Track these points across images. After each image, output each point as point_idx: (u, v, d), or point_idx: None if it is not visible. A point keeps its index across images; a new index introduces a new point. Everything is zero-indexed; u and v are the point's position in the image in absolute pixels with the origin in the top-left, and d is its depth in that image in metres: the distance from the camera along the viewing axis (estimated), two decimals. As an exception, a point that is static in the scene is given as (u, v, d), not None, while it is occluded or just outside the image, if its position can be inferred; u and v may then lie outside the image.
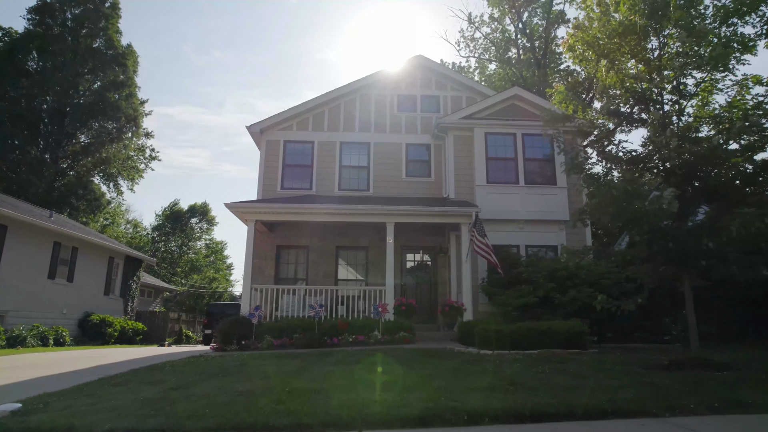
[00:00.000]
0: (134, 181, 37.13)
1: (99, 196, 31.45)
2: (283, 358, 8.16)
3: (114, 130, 32.58)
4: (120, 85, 31.67)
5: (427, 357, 8.20)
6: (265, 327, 10.99)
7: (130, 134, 34.41)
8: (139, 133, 34.97)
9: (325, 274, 13.86)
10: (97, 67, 31.23)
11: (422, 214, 12.36)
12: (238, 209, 12.13)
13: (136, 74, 34.01)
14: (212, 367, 7.06)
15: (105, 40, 31.88)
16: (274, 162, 14.52)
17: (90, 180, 31.49)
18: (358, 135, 14.83)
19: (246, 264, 12.13)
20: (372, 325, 10.96)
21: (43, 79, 29.49)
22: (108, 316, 18.57)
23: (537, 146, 14.06)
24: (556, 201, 13.65)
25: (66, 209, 29.85)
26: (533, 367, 6.91)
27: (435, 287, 14.04)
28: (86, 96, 31.26)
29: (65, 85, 29.93)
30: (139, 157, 37.24)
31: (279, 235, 14.09)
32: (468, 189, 13.72)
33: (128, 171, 36.75)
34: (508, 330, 9.07)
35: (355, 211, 12.21)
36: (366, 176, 14.56)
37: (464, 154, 14.01)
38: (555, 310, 11.43)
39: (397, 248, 13.85)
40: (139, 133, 34.88)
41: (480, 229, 11.82)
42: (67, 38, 30.52)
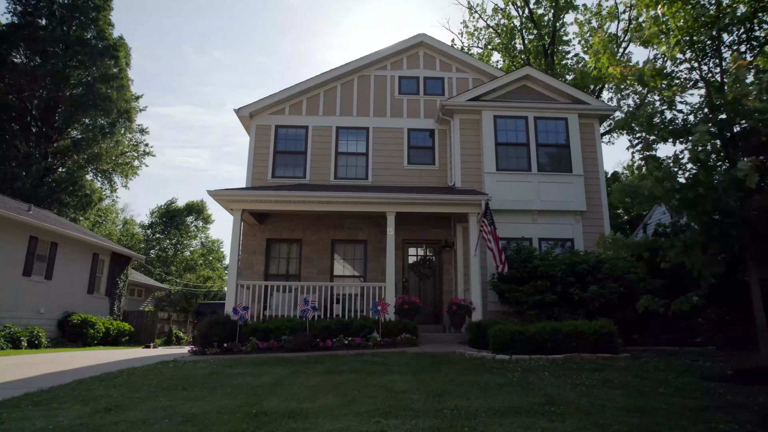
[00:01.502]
0: (128, 178, 35.87)
1: (90, 192, 30.09)
2: (265, 365, 6.83)
3: (106, 125, 31.26)
4: (111, 77, 30.32)
5: (435, 364, 6.87)
6: (250, 328, 9.66)
7: (123, 129, 33.09)
8: (132, 128, 33.65)
9: (319, 270, 12.53)
10: (87, 59, 29.88)
11: (426, 202, 11.04)
12: (222, 197, 10.81)
13: (129, 67, 32.69)
14: (174, 378, 5.73)
15: (96, 32, 30.57)
16: (264, 148, 13.20)
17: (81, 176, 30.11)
18: (355, 119, 13.51)
19: (231, 258, 10.81)
20: (371, 326, 9.64)
21: (31, 72, 28.19)
22: (90, 316, 17.22)
23: (551, 131, 12.74)
24: (572, 190, 12.33)
25: (55, 205, 28.54)
26: (566, 376, 5.58)
27: (440, 284, 12.71)
28: (76, 88, 29.93)
29: (55, 77, 28.62)
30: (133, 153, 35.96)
31: (269, 227, 12.76)
32: (476, 177, 12.41)
33: (122, 167, 35.47)
34: (531, 331, 7.74)
35: (353, 199, 10.89)
36: (364, 164, 13.24)
37: (471, 140, 12.69)
38: (575, 307, 10.11)
39: (399, 242, 12.54)
40: (132, 127, 33.56)
41: (490, 219, 10.50)
42: (56, 29, 29.20)
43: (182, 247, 40.43)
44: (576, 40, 23.54)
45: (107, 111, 30.33)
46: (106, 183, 34.75)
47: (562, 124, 12.77)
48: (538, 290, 10.21)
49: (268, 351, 9.20)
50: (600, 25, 22.27)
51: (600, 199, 12.56)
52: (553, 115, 12.76)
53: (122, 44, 31.70)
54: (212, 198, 10.95)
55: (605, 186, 12.70)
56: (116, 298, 20.21)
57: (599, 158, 12.85)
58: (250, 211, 11.31)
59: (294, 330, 9.53)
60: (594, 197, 12.52)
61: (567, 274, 10.21)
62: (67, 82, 29.77)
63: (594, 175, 12.69)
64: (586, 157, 12.69)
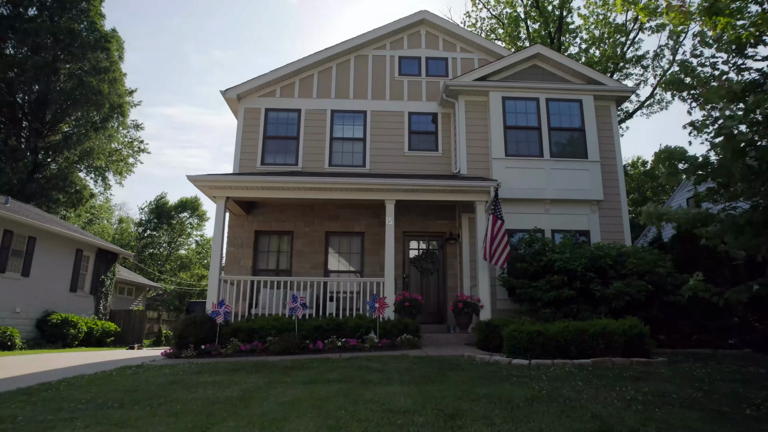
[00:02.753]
0: (122, 175, 34.77)
1: (81, 189, 28.93)
2: (240, 372, 5.69)
3: (98, 119, 30.14)
4: (103, 70, 29.17)
5: (441, 370, 5.73)
6: (232, 328, 8.52)
7: (117, 124, 31.98)
8: (125, 123, 32.55)
9: (312, 265, 11.39)
10: (78, 51, 28.75)
11: (429, 189, 9.90)
12: (203, 183, 9.67)
13: (122, 60, 31.56)
14: (120, 389, 4.59)
15: (87, 23, 29.45)
16: (252, 133, 12.07)
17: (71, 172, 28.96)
18: (352, 102, 12.38)
19: (214, 250, 9.67)
20: (367, 326, 8.50)
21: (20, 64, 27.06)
22: (72, 316, 16.06)
23: (564, 113, 11.60)
24: (588, 177, 11.19)
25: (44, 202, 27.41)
26: (606, 387, 4.44)
27: (443, 281, 11.57)
28: (67, 82, 28.80)
29: (44, 69, 27.49)
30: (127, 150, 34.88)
31: (258, 218, 11.62)
32: (483, 164, 11.29)
33: (116, 164, 34.37)
34: (553, 332, 6.60)
35: (348, 185, 9.76)
36: (362, 150, 12.10)
37: (478, 123, 11.56)
38: (596, 305, 8.98)
39: (399, 234, 11.41)
40: (125, 123, 32.45)
41: (498, 210, 9.36)
42: (45, 20, 28.08)
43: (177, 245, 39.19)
44: (583, 27, 22.31)
45: (99, 105, 29.20)
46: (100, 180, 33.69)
47: (576, 107, 11.65)
48: (554, 286, 9.07)
49: (251, 354, 8.06)
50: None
51: (618, 188, 11.43)
52: (566, 97, 11.64)
53: (114, 36, 30.59)
54: (193, 185, 9.82)
55: (623, 173, 11.56)
56: (102, 296, 19.05)
57: (616, 143, 11.72)
58: (235, 199, 10.18)
59: (281, 330, 8.39)
60: (611, 185, 11.39)
61: (587, 269, 9.06)
62: (57, 75, 28.66)
63: (611, 161, 11.56)
64: (603, 142, 11.57)
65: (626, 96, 11.91)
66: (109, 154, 33.90)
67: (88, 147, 30.46)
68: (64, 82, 28.97)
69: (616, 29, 21.69)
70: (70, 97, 28.60)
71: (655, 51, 21.18)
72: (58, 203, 28.54)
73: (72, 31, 28.91)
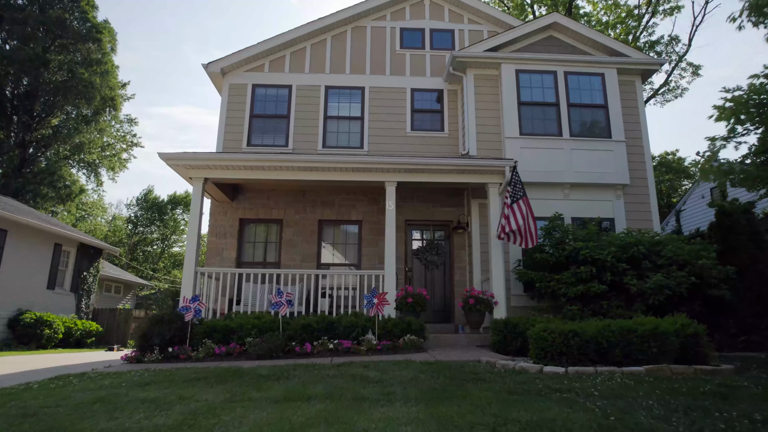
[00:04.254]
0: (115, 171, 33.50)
1: (70, 184, 27.59)
2: (198, 384, 4.37)
3: (88, 112, 28.83)
4: (94, 62, 27.90)
5: (456, 381, 4.41)
6: (207, 327, 7.19)
7: (109, 117, 30.68)
8: (118, 117, 31.26)
9: (303, 257, 10.07)
10: (68, 42, 27.50)
11: (435, 168, 8.58)
12: (177, 161, 8.36)
13: (114, 53, 30.25)
14: (14, 414, 3.27)
15: (78, 13, 28.17)
16: (238, 112, 10.75)
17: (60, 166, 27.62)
18: (349, 78, 11.06)
19: (189, 238, 8.35)
20: (364, 325, 7.18)
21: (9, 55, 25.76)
22: (48, 315, 14.73)
23: (584, 88, 10.30)
24: (612, 159, 9.89)
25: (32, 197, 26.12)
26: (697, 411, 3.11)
27: (450, 275, 10.25)
28: (57, 74, 27.49)
29: (34, 61, 26.19)
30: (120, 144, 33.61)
31: (243, 205, 10.31)
32: (494, 144, 9.98)
33: (109, 160, 33.09)
34: (591, 332, 5.28)
35: (344, 164, 8.44)
36: (359, 130, 10.79)
37: (489, 99, 10.26)
38: (630, 301, 7.67)
39: (400, 223, 10.11)
40: (118, 116, 31.17)
41: (518, 189, 8.05)
42: (35, 10, 26.79)
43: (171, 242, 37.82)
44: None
45: (89, 97, 27.88)
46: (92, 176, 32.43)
47: (597, 81, 10.34)
48: (581, 278, 7.75)
49: (226, 358, 6.74)
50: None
51: (645, 171, 10.12)
52: (587, 70, 10.33)
53: (106, 28, 29.29)
54: (166, 164, 8.51)
55: (650, 155, 10.25)
56: (84, 294, 17.71)
57: (643, 122, 10.40)
58: (215, 181, 8.87)
59: (263, 330, 7.08)
60: (638, 168, 10.08)
61: (618, 259, 7.74)
62: (47, 66, 27.36)
63: (636, 142, 10.25)
64: (627, 121, 10.26)
65: (653, 69, 10.59)
66: (102, 149, 32.65)
67: (79, 141, 29.17)
68: (53, 74, 27.67)
69: (627, 14, 20.40)
70: (60, 90, 27.30)
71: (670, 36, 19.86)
72: (46, 198, 27.22)
73: (62, 22, 27.63)
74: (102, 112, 29.53)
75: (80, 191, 29.12)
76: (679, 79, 19.97)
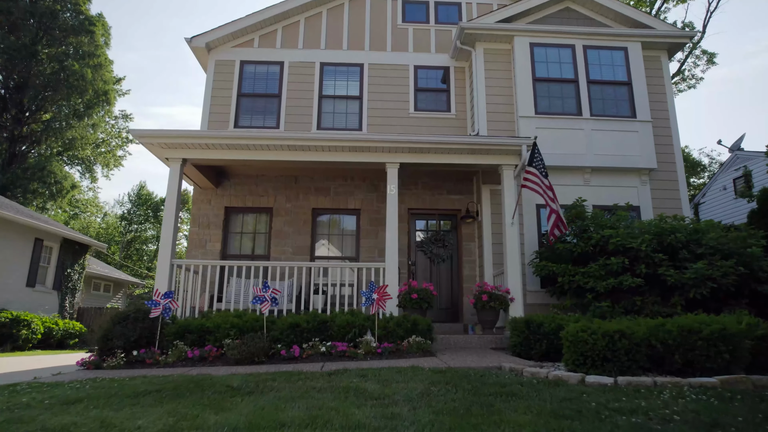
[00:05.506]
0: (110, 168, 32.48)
1: (60, 179, 26.49)
2: (144, 400, 3.31)
3: (81, 107, 27.77)
4: (87, 54, 26.84)
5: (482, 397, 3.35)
6: (179, 327, 6.12)
7: (102, 112, 29.60)
8: (111, 112, 30.20)
9: (295, 249, 9.01)
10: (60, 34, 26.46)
11: (442, 147, 7.52)
12: (152, 139, 7.29)
13: (108, 46, 29.23)
14: None
15: (71, 4, 27.11)
16: (225, 90, 9.70)
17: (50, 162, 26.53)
18: (346, 54, 10.02)
19: (165, 226, 7.28)
20: (362, 325, 6.12)
21: (-4, 46, 24.72)
22: (25, 314, 13.64)
23: (606, 63, 9.25)
24: (637, 141, 8.84)
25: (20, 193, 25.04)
26: None
27: (458, 269, 9.19)
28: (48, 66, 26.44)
29: (22, 52, 25.14)
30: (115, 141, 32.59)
31: (229, 192, 9.25)
32: (507, 124, 8.94)
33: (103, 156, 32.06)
34: (642, 333, 4.21)
35: (341, 142, 7.37)
36: (357, 110, 9.73)
37: (500, 75, 9.22)
38: (667, 295, 6.60)
39: (403, 212, 9.06)
40: (111, 111, 30.10)
41: (541, 166, 7.00)
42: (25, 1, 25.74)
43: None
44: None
45: (81, 91, 26.82)
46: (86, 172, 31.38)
47: (620, 56, 9.29)
48: (612, 271, 6.69)
49: (200, 363, 5.67)
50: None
51: (673, 154, 9.08)
52: (608, 44, 9.28)
53: (100, 20, 28.24)
54: (139, 142, 7.46)
55: (679, 136, 9.20)
56: (68, 292, 16.63)
57: (670, 101, 9.36)
58: (196, 162, 7.81)
59: (244, 330, 6.01)
60: (665, 152, 9.04)
61: (654, 248, 6.68)
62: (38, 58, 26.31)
63: (664, 122, 9.20)
64: (653, 100, 9.22)
65: (680, 43, 9.54)
66: (96, 145, 31.61)
67: (71, 136, 28.10)
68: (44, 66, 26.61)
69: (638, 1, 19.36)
70: (51, 82, 26.25)
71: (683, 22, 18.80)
72: (36, 194, 26.14)
73: (53, 13, 26.60)
74: (95, 106, 28.45)
75: (72, 187, 28.01)
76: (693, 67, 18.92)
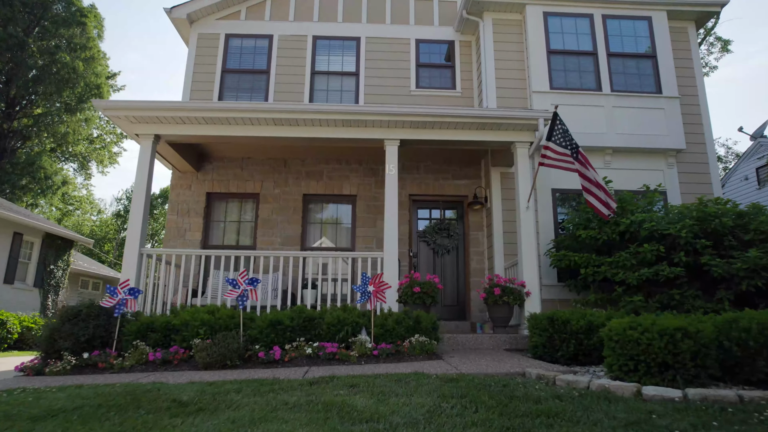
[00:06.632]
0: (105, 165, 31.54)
1: (50, 175, 25.54)
2: (43, 425, 2.34)
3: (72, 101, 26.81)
4: (78, 47, 25.92)
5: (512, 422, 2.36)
6: (142, 324, 5.16)
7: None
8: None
9: (284, 239, 8.05)
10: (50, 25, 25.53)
11: (448, 121, 6.56)
12: (118, 112, 6.34)
13: (101, 39, 28.32)
14: None
15: (63, -5, 26.18)
16: (208, 65, 8.76)
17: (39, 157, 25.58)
18: (341, 27, 9.08)
19: (134, 210, 6.33)
20: (355, 322, 5.15)
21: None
22: (1, 312, 12.70)
23: (627, 35, 8.31)
24: (664, 119, 7.89)
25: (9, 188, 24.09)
26: None
27: (465, 261, 8.23)
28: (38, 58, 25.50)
29: (10, 42, 24.21)
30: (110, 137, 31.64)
31: (211, 176, 8.29)
32: (519, 101, 8.00)
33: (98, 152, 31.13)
34: (709, 332, 3.25)
35: (333, 115, 6.41)
36: (353, 87, 8.79)
37: (511, 48, 8.27)
38: (710, 288, 5.65)
39: (404, 200, 8.12)
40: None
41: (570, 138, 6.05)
42: (14, -11, 24.79)
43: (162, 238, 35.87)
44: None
45: (72, 84, 25.88)
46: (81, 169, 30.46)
47: (643, 26, 8.35)
48: (645, 260, 5.74)
49: (164, 366, 4.71)
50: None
51: (702, 134, 8.12)
52: (630, 13, 8.34)
53: (92, 12, 27.33)
54: (104, 115, 6.53)
55: (708, 114, 8.24)
56: (51, 290, 15.68)
57: (698, 76, 8.42)
58: (171, 140, 6.85)
59: (216, 328, 5.05)
60: (694, 131, 8.09)
61: (695, 234, 5.73)
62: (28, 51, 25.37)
63: (692, 99, 8.25)
64: (680, 75, 8.27)
65: (710, 12, 8.58)
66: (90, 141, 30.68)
67: (63, 130, 27.15)
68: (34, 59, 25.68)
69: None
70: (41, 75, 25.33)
71: None
72: (25, 190, 25.19)
73: (45, 4, 25.69)
74: (87, 100, 27.51)
75: (63, 183, 27.06)
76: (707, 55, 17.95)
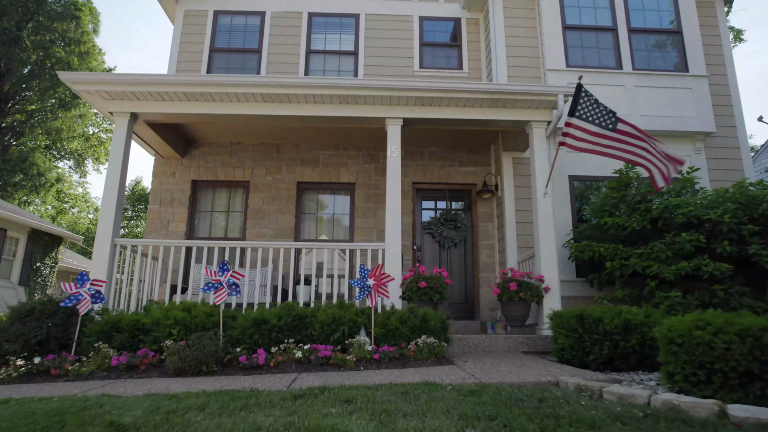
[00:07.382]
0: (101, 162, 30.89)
1: (44, 171, 24.84)
2: None
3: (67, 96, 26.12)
4: (72, 41, 25.27)
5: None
6: (106, 324, 4.44)
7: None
8: (100, 102, 28.52)
9: (277, 230, 7.34)
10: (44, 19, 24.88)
11: (456, 97, 5.84)
12: (90, 86, 5.65)
13: (96, 34, 27.67)
14: None
15: (57, -12, 25.52)
16: (196, 44, 8.06)
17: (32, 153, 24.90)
18: (339, 2, 8.38)
19: (106, 196, 5.62)
20: (353, 321, 4.44)
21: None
22: (-18, 311, 12.00)
23: (651, 8, 7.61)
24: (691, 100, 7.19)
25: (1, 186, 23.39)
26: None
27: (473, 254, 7.52)
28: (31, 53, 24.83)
29: (3, 37, 23.56)
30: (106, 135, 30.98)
31: (197, 162, 7.59)
32: (532, 80, 7.30)
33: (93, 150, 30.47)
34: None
35: (327, 90, 5.71)
36: (352, 67, 8.08)
37: (523, 24, 7.58)
38: (756, 282, 4.94)
39: (408, 188, 7.40)
40: (100, 101, 28.43)
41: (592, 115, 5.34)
42: (7, -18, 24.13)
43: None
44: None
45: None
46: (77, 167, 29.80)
47: (666, 0, 7.65)
48: (682, 252, 5.02)
49: (129, 372, 4.00)
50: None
51: (732, 116, 7.42)
52: (653, -15, 7.64)
53: (86, 5, 26.68)
54: (73, 90, 5.81)
55: (739, 94, 7.53)
56: (38, 288, 14.98)
57: (727, 54, 7.72)
58: (150, 119, 6.14)
59: (191, 328, 4.34)
60: (724, 114, 7.39)
61: (739, 221, 5.02)
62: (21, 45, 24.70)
63: (721, 79, 7.56)
64: (708, 53, 7.57)
65: (739, -14, 7.90)
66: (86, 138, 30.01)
67: (57, 126, 26.46)
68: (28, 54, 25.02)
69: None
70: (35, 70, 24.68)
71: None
72: (18, 187, 24.48)
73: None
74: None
75: (56, 180, 26.38)
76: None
